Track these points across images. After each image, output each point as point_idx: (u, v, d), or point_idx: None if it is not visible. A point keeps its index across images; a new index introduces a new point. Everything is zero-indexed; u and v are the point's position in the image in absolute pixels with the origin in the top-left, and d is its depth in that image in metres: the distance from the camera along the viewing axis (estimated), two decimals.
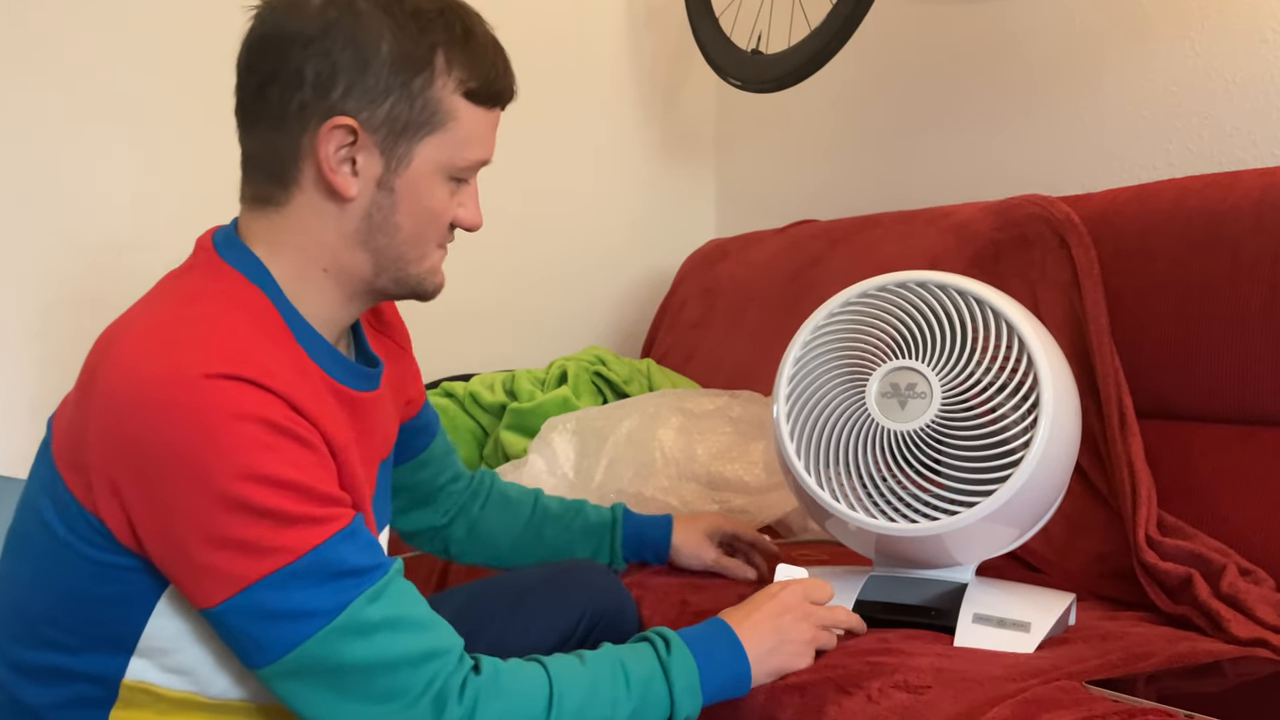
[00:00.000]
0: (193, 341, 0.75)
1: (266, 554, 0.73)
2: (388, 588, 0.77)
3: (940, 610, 1.00)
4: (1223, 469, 1.17)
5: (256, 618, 0.74)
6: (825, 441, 1.01)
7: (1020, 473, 0.93)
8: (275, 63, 0.81)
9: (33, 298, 1.67)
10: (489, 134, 0.88)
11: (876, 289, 1.02)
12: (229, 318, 0.79)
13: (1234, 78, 1.40)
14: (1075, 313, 1.31)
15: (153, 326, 0.77)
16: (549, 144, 2.17)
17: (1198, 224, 1.23)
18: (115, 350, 0.76)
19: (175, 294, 0.82)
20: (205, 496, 0.72)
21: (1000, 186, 1.68)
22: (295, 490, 0.74)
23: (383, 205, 0.84)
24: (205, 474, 0.71)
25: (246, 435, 0.72)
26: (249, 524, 0.72)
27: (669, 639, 0.87)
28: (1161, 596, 1.08)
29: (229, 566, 0.73)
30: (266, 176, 0.84)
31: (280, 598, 0.73)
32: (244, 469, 0.72)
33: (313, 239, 0.84)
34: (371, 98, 0.80)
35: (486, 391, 1.80)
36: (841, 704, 0.86)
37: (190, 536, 0.73)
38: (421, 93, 0.82)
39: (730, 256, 2.05)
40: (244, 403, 0.73)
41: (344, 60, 0.79)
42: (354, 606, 0.75)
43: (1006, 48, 1.70)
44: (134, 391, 0.73)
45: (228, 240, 0.85)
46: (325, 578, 0.74)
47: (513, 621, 1.06)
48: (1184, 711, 0.78)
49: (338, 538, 0.75)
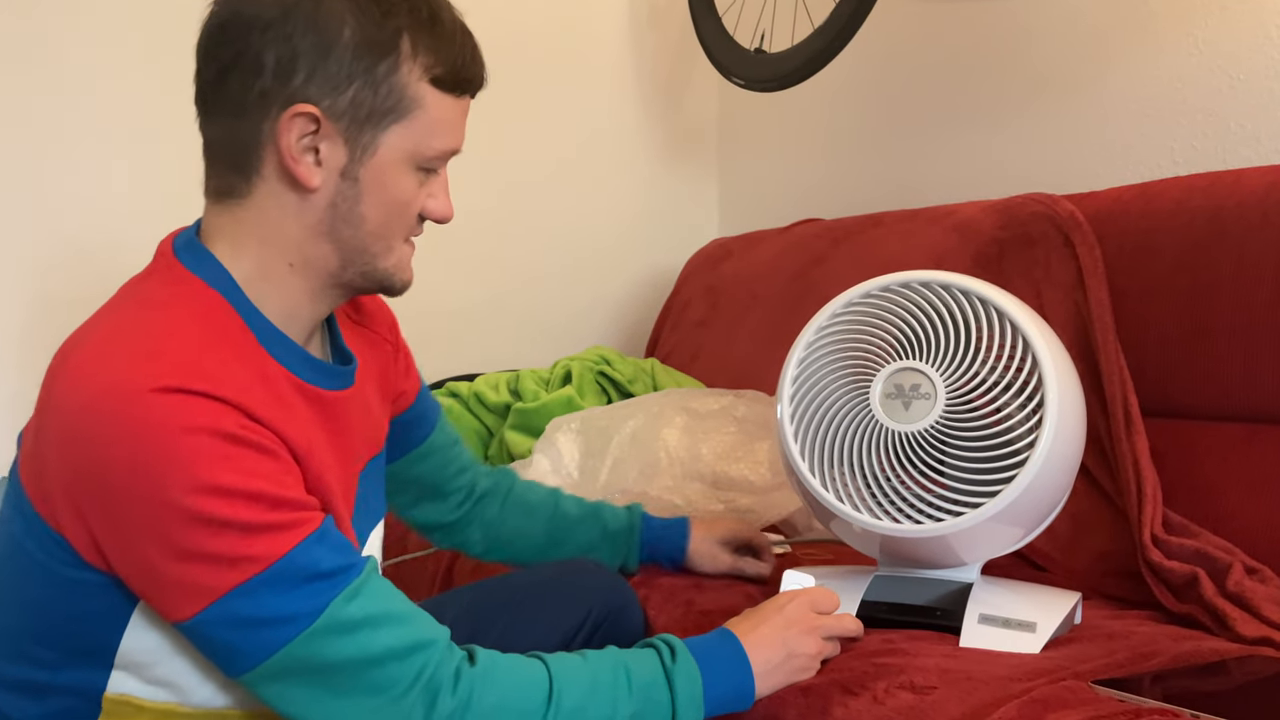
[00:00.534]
0: (143, 354, 0.73)
1: (235, 564, 0.72)
2: (364, 585, 0.76)
3: (945, 610, 1.00)
4: (1228, 467, 1.17)
5: (232, 626, 0.73)
6: (829, 442, 1.01)
7: (1025, 473, 0.93)
8: (235, 49, 0.78)
9: (20, 299, 1.67)
10: (458, 122, 0.85)
11: (879, 289, 1.02)
12: (182, 327, 0.77)
13: (1238, 75, 1.40)
14: (1080, 311, 1.31)
15: (104, 338, 0.76)
16: (551, 144, 2.17)
17: (1202, 222, 1.22)
18: (68, 364, 0.75)
19: (131, 303, 0.80)
20: (165, 513, 0.70)
21: (1004, 185, 1.67)
22: (257, 499, 0.72)
23: (347, 195, 0.81)
24: (162, 490, 0.70)
25: (200, 448, 0.71)
26: (213, 536, 0.71)
27: (674, 647, 0.86)
28: (1167, 595, 1.08)
29: (198, 579, 0.72)
30: (228, 167, 0.81)
31: (255, 605, 0.72)
32: (200, 482, 0.70)
33: (276, 232, 0.81)
34: (334, 84, 0.78)
35: (491, 391, 1.80)
36: (847, 705, 0.86)
37: (154, 553, 0.71)
38: (386, 79, 0.79)
39: (733, 256, 2.05)
40: (195, 415, 0.71)
41: (305, 45, 0.77)
42: (333, 607, 0.74)
43: (1010, 46, 1.70)
44: (85, 407, 0.72)
45: (188, 244, 0.82)
46: (299, 582, 0.73)
47: (516, 623, 1.05)
48: (1190, 711, 0.78)
49: (308, 541, 0.74)
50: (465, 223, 2.08)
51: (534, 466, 1.53)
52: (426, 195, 0.85)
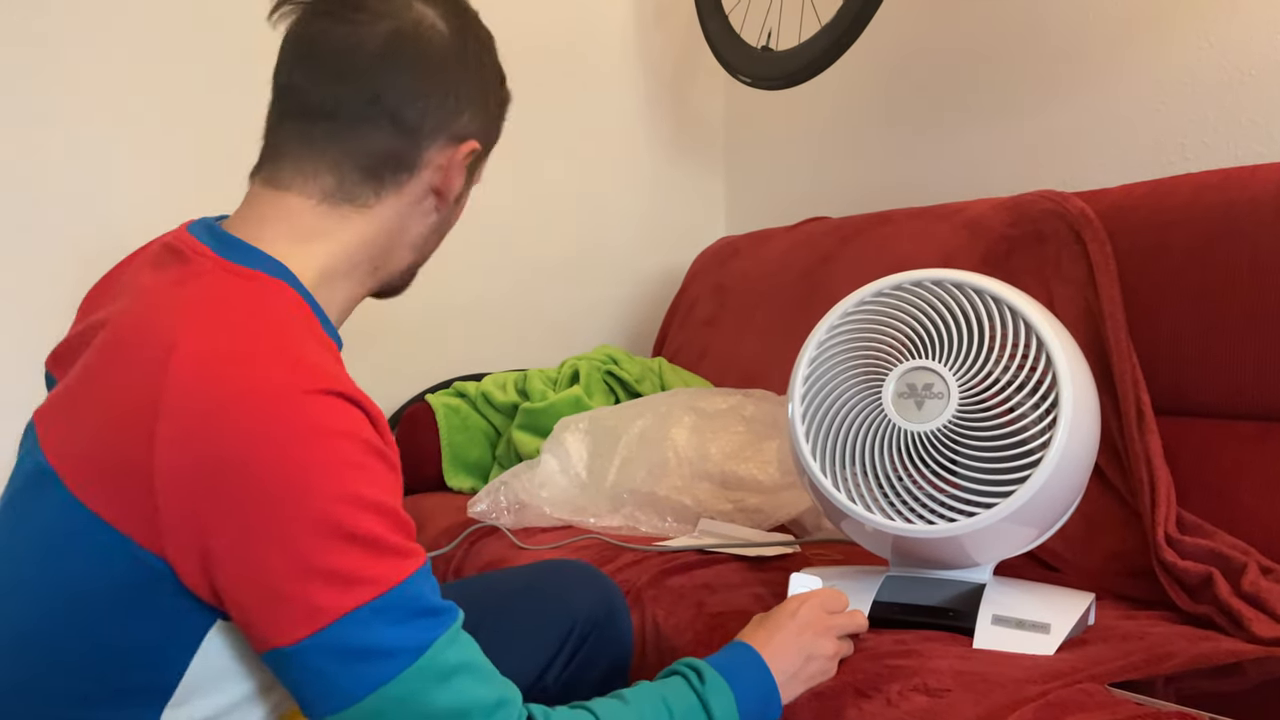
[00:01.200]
0: (277, 352, 0.72)
1: (358, 585, 0.69)
2: (460, 631, 0.75)
3: (958, 611, 0.99)
4: (1242, 466, 1.16)
5: (339, 656, 0.69)
6: (841, 442, 1.01)
7: (1040, 473, 0.92)
8: (407, 78, 0.84)
9: (21, 303, 1.66)
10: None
11: (891, 288, 1.01)
12: (291, 323, 0.76)
13: (1250, 70, 1.39)
14: (1091, 309, 1.30)
15: (217, 341, 0.72)
16: (558, 143, 2.16)
17: (1215, 218, 1.21)
18: (180, 370, 0.70)
19: (210, 305, 0.76)
20: (307, 519, 0.68)
21: (1014, 182, 1.67)
22: (389, 516, 0.71)
23: (449, 218, 0.92)
24: (310, 494, 0.68)
25: (348, 455, 0.70)
26: (346, 551, 0.69)
27: (701, 670, 0.85)
28: (1181, 595, 1.07)
29: (315, 598, 0.69)
30: (362, 175, 0.84)
31: (366, 633, 0.69)
32: (347, 490, 0.69)
33: (378, 240, 0.86)
34: (488, 120, 0.90)
35: (499, 391, 1.80)
36: (861, 708, 0.85)
37: (279, 563, 0.68)
38: (497, 119, 0.92)
39: (741, 254, 2.04)
40: (343, 420, 0.70)
41: (471, 86, 0.87)
42: (435, 648, 0.72)
43: (1019, 42, 1.69)
44: (227, 411, 0.68)
45: (228, 244, 0.80)
46: (409, 615, 0.71)
47: (499, 626, 1.02)
48: (1209, 714, 0.77)
49: (420, 573, 0.73)
50: (472, 222, 2.07)
51: (542, 466, 1.53)
52: None
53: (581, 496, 1.50)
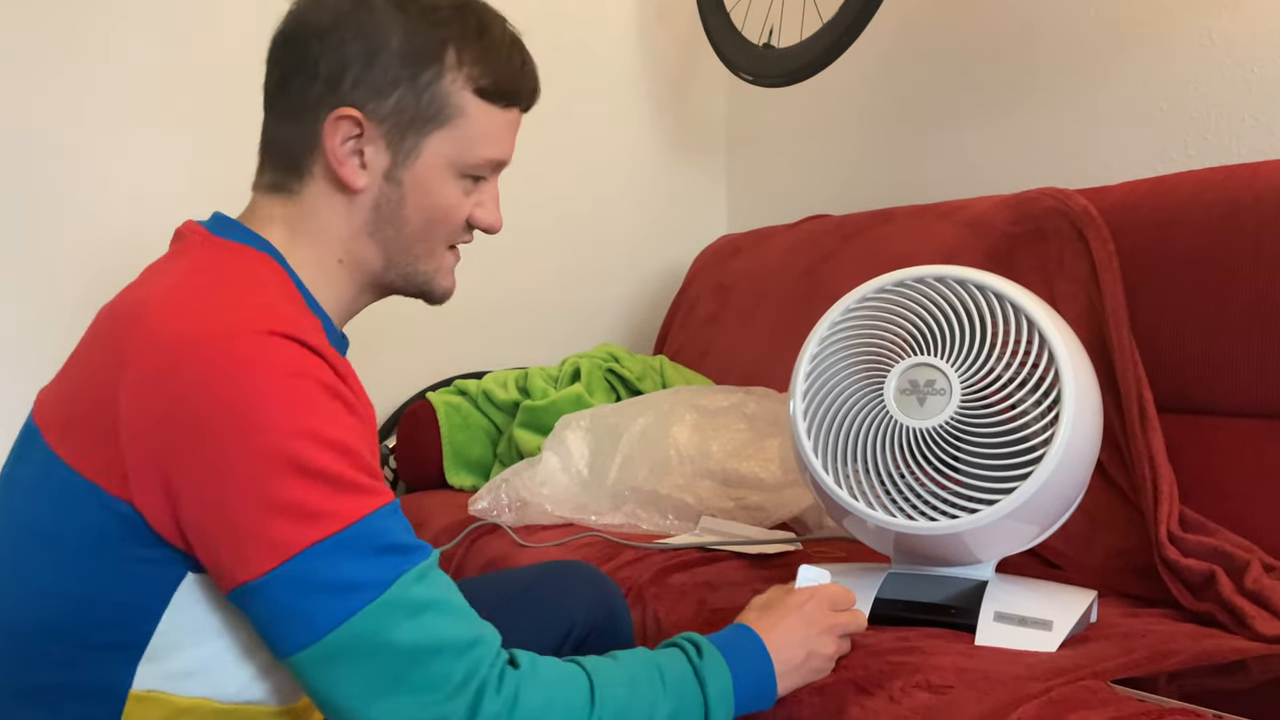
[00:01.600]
0: (238, 301, 0.74)
1: (319, 518, 0.70)
2: (431, 570, 0.75)
3: (960, 608, 0.99)
4: (1245, 463, 1.16)
5: (303, 589, 0.71)
6: (843, 439, 1.00)
7: (1042, 470, 0.92)
8: (295, 56, 0.83)
9: (24, 301, 1.66)
10: (504, 134, 0.89)
11: (894, 284, 1.01)
12: (261, 279, 0.79)
13: (1253, 68, 1.39)
14: (1093, 307, 1.30)
15: (184, 292, 0.76)
16: (559, 141, 2.16)
17: (1218, 216, 1.21)
18: (146, 320, 0.74)
19: (187, 267, 0.80)
20: (263, 454, 0.70)
21: (1016, 179, 1.66)
22: (349, 454, 0.72)
23: (391, 198, 0.85)
24: (264, 430, 0.70)
25: (303, 393, 0.71)
26: (304, 485, 0.70)
27: (699, 644, 0.85)
28: (1184, 593, 1.07)
29: (280, 532, 0.70)
30: (284, 166, 0.86)
31: (330, 566, 0.71)
32: (302, 426, 0.71)
33: (325, 229, 0.85)
34: (378, 90, 0.82)
35: (500, 389, 1.80)
36: (863, 704, 0.85)
37: (240, 498, 0.70)
38: (429, 86, 0.83)
39: (742, 252, 2.04)
40: (298, 362, 0.72)
41: (354, 52, 0.82)
42: (402, 582, 0.72)
43: (1022, 39, 1.69)
44: (180, 350, 0.71)
45: (227, 225, 0.85)
46: (374, 550, 0.72)
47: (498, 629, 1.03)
48: (1212, 711, 0.77)
49: (385, 510, 0.74)
50: None
51: (543, 464, 1.53)
52: (474, 204, 0.89)
53: (583, 494, 1.49)
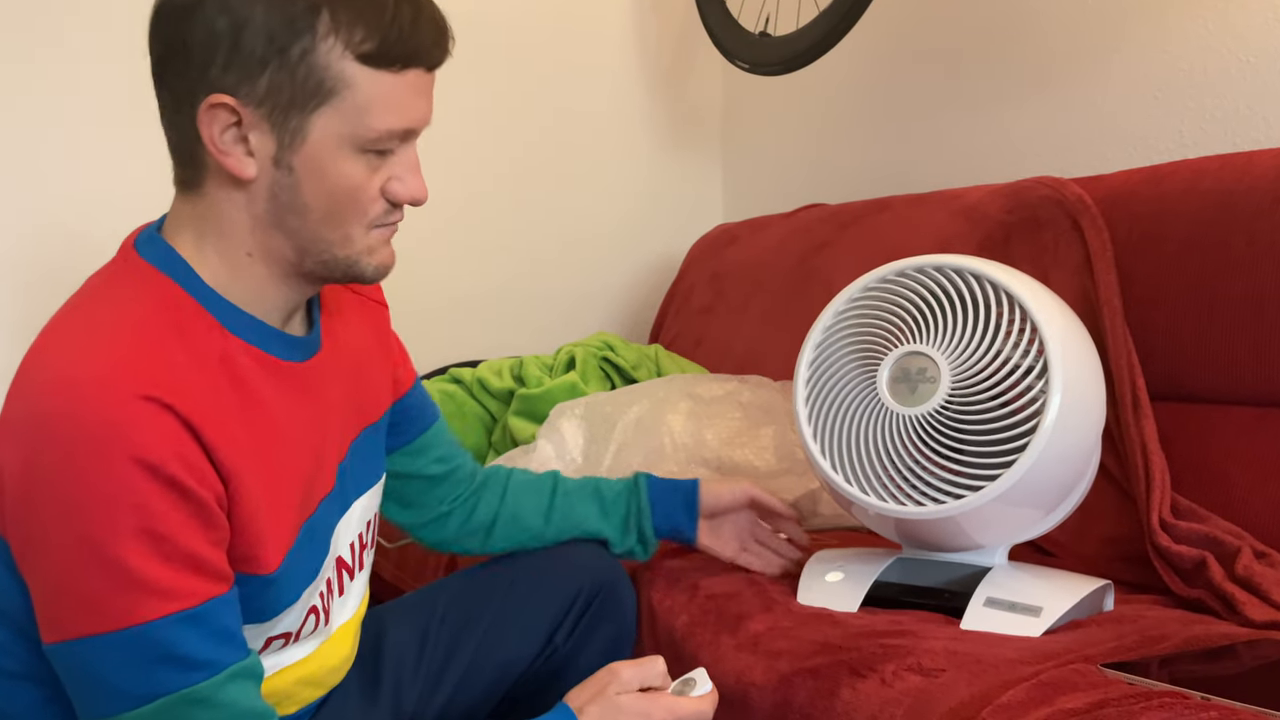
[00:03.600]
0: (95, 356, 0.71)
1: (95, 614, 0.69)
2: (215, 693, 0.72)
3: (955, 593, 0.99)
4: (1238, 451, 1.16)
5: (69, 673, 0.72)
6: (841, 428, 1.02)
7: (1029, 454, 0.92)
8: (165, 38, 0.76)
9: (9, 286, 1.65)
10: (405, 99, 0.77)
11: (895, 274, 1.02)
12: (137, 322, 0.75)
13: (1248, 57, 1.39)
14: (1087, 295, 1.30)
15: (54, 338, 0.75)
16: (554, 129, 2.16)
17: (1212, 205, 1.21)
18: (26, 360, 0.75)
19: (83, 296, 0.79)
20: (72, 539, 0.69)
21: (1011, 168, 1.66)
22: (151, 548, 0.69)
23: (285, 185, 0.77)
24: (77, 516, 0.69)
25: (126, 483, 0.68)
26: (94, 576, 0.69)
27: None
28: (1175, 580, 1.08)
29: (60, 614, 0.70)
30: (182, 160, 0.79)
31: (93, 664, 0.70)
32: (115, 521, 0.68)
33: (228, 223, 0.79)
34: (248, 70, 0.73)
35: (494, 377, 1.80)
36: (855, 687, 0.86)
37: (44, 569, 0.71)
38: (302, 60, 0.73)
39: (738, 241, 2.04)
40: (143, 439, 0.69)
41: (220, 31, 0.73)
42: (164, 703, 0.70)
43: (1017, 27, 1.69)
44: (31, 417, 0.71)
45: (149, 239, 0.81)
46: (145, 660, 0.70)
47: (508, 604, 1.06)
48: (1200, 694, 0.78)
49: (177, 618, 0.70)
50: (468, 209, 2.09)
51: (538, 452, 1.53)
52: (387, 178, 0.80)
53: None
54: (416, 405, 1.06)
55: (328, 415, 0.88)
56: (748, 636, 0.99)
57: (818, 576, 1.08)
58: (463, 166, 2.03)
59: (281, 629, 0.84)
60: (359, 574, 0.95)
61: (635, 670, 0.84)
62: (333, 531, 0.89)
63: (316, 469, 0.85)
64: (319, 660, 0.90)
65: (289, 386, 0.83)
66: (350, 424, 0.92)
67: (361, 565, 0.96)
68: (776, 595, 1.07)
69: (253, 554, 0.77)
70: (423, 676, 1.03)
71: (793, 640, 0.96)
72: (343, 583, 0.92)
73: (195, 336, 0.77)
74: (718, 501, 1.13)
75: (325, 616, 0.89)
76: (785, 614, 1.02)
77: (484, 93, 2.05)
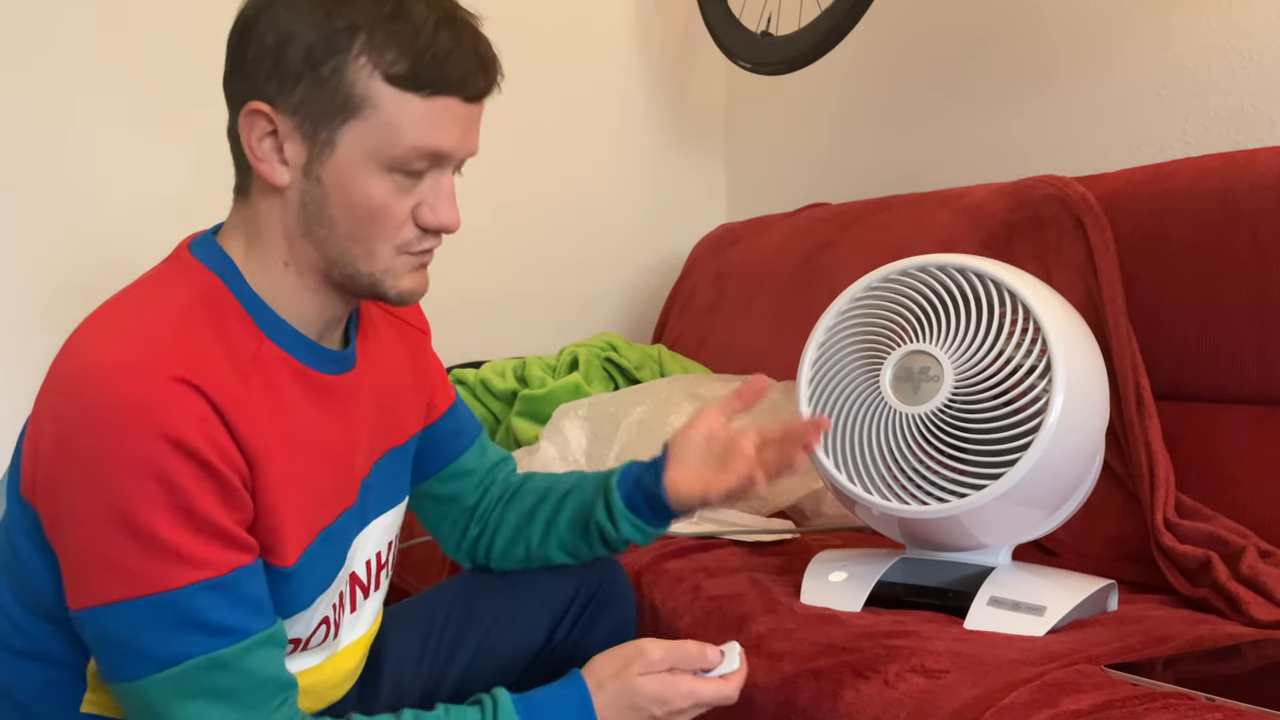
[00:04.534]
0: (133, 340, 0.74)
1: (126, 579, 0.72)
2: (239, 659, 0.74)
3: (958, 592, 0.99)
4: (1242, 451, 1.16)
5: (97, 638, 0.74)
6: (844, 427, 1.02)
7: (1031, 453, 0.92)
8: (231, 49, 0.81)
9: (37, 289, 1.67)
10: (435, 124, 0.79)
11: (898, 273, 1.02)
12: (181, 311, 0.77)
13: (1251, 55, 1.38)
14: (1091, 294, 1.30)
15: (101, 319, 0.78)
16: (557, 130, 2.16)
17: (1215, 203, 1.21)
18: (69, 341, 0.77)
19: (126, 291, 0.81)
20: (102, 506, 0.71)
21: (1014, 167, 1.66)
22: (186, 518, 0.72)
23: (314, 195, 0.79)
24: (106, 484, 0.71)
25: (155, 457, 0.71)
26: (125, 544, 0.71)
27: (498, 701, 0.84)
28: (1180, 579, 1.07)
29: (92, 580, 0.73)
30: (237, 165, 0.83)
31: (119, 629, 0.73)
32: (141, 489, 0.71)
33: (268, 232, 0.82)
34: (286, 82, 0.77)
35: (498, 378, 1.80)
36: (858, 688, 0.86)
37: (75, 538, 0.73)
38: (334, 76, 0.76)
39: (741, 241, 2.04)
40: (171, 416, 0.71)
41: (269, 44, 0.77)
42: (189, 665, 0.73)
43: (1020, 27, 1.69)
44: (69, 385, 0.73)
45: (204, 241, 0.83)
46: (172, 624, 0.72)
47: (508, 605, 1.06)
48: (1205, 695, 0.77)
49: (203, 585, 0.73)
50: (470, 210, 2.07)
51: (541, 453, 1.53)
52: (417, 203, 0.81)
53: None
54: (455, 428, 1.06)
55: (355, 431, 0.89)
56: (750, 637, 0.99)
57: (821, 576, 1.08)
58: (465, 167, 2.03)
59: (293, 634, 0.84)
60: (374, 594, 0.96)
61: (665, 651, 0.84)
62: (350, 544, 0.90)
63: (339, 480, 0.86)
64: (322, 674, 0.90)
65: (318, 396, 0.84)
66: (377, 443, 0.93)
67: (377, 585, 0.96)
68: (779, 596, 1.07)
69: (272, 543, 0.79)
70: (423, 677, 1.04)
71: (795, 641, 0.95)
72: (355, 599, 0.92)
73: (232, 334, 0.79)
74: (677, 437, 1.03)
75: (335, 629, 0.90)
76: (788, 615, 1.02)
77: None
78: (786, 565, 1.17)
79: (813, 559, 1.12)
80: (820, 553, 1.13)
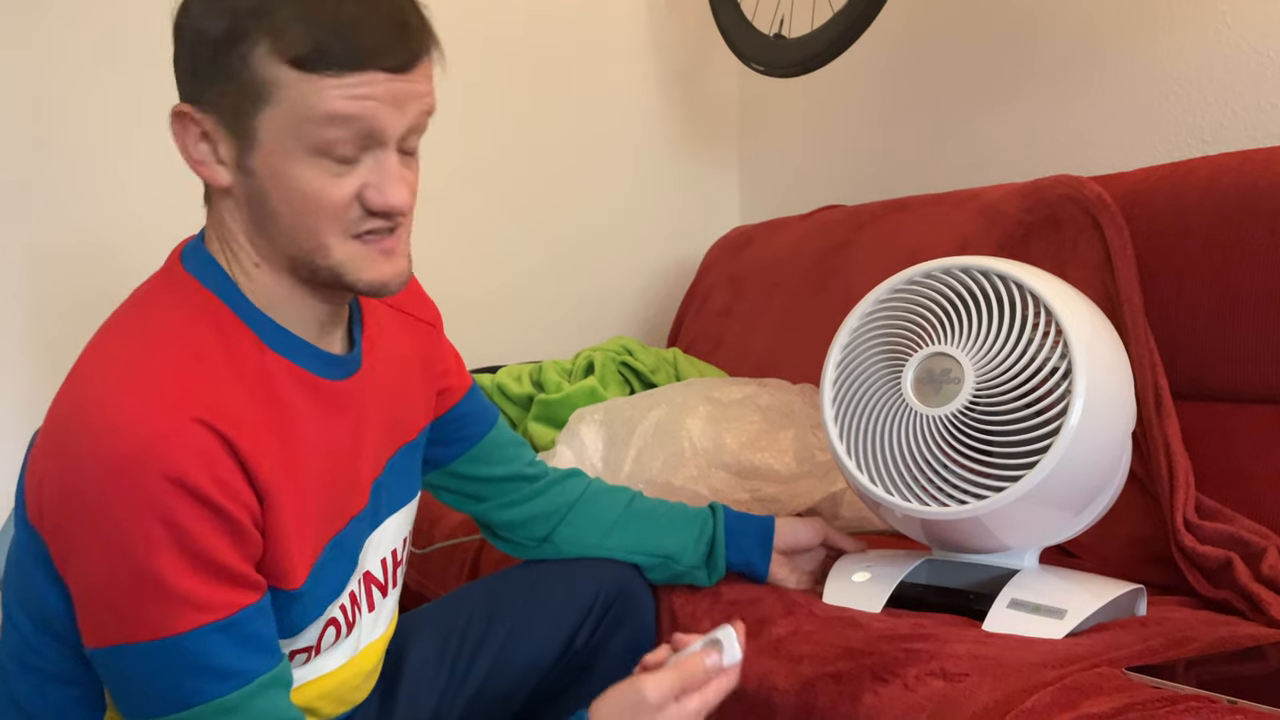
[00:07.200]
0: (134, 385, 0.73)
1: (129, 624, 0.72)
2: (247, 703, 0.74)
3: (979, 595, 0.99)
4: (1262, 451, 1.15)
5: (110, 675, 0.75)
6: (867, 429, 1.02)
7: (1053, 454, 0.92)
8: (174, 54, 0.79)
9: (28, 303, 1.66)
10: (351, 103, 0.73)
11: (923, 275, 1.02)
12: (172, 335, 0.76)
13: (1268, 52, 1.38)
14: (1108, 294, 1.29)
15: (95, 359, 0.76)
16: (571, 134, 2.16)
17: (1233, 201, 1.20)
18: (69, 375, 0.76)
19: (131, 310, 0.80)
20: (112, 552, 0.71)
21: (1030, 167, 1.66)
22: (184, 562, 0.71)
23: (254, 190, 0.77)
24: (109, 520, 0.71)
25: (163, 504, 0.70)
26: (128, 587, 0.71)
27: None
28: (1200, 580, 1.07)
29: (99, 620, 0.73)
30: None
31: (124, 669, 0.73)
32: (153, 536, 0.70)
33: (230, 234, 0.80)
34: (201, 78, 0.75)
35: (514, 383, 1.80)
36: (878, 692, 0.85)
37: (83, 577, 0.73)
38: (244, 65, 0.73)
39: (755, 243, 2.03)
40: (179, 461, 0.70)
41: (186, 42, 0.76)
42: (199, 710, 0.73)
43: (1034, 25, 1.68)
44: (67, 433, 0.73)
45: (194, 249, 0.82)
46: (180, 669, 0.72)
47: (529, 607, 1.07)
48: (1227, 698, 0.77)
49: (209, 629, 0.72)
50: (485, 213, 2.09)
51: (557, 457, 1.53)
52: (362, 185, 0.76)
53: None
54: (472, 413, 1.07)
55: (364, 433, 0.88)
56: (770, 640, 0.99)
57: (845, 576, 1.08)
58: (479, 170, 2.04)
59: (303, 643, 0.85)
60: (391, 591, 0.96)
61: (666, 688, 0.80)
62: (361, 547, 0.90)
63: (348, 487, 0.86)
64: (343, 676, 0.90)
65: (326, 404, 0.84)
66: (388, 442, 0.93)
67: (395, 582, 0.96)
68: (798, 599, 1.07)
69: (281, 570, 0.78)
70: (442, 683, 1.04)
71: (815, 644, 0.95)
72: (373, 599, 0.92)
73: (236, 353, 0.78)
74: (795, 540, 1.14)
75: (347, 629, 0.90)
76: (808, 618, 1.02)
77: (500, 97, 2.05)
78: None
79: (837, 560, 1.13)
80: (845, 554, 1.14)
